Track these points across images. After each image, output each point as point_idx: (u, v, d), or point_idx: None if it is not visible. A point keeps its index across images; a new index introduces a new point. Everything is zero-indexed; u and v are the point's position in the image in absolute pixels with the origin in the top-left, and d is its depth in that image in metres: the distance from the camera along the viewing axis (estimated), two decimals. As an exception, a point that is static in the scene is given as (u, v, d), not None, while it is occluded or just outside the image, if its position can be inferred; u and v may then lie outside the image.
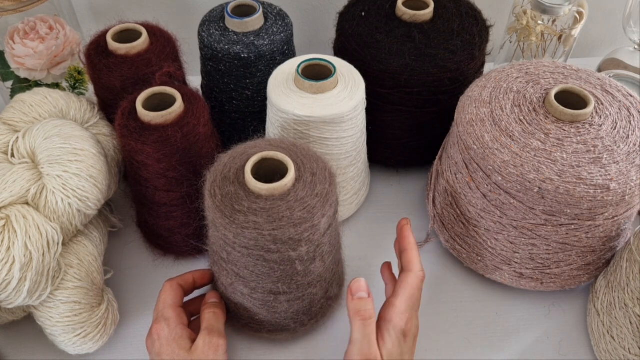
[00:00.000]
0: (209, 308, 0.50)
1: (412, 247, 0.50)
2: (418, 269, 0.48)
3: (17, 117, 0.56)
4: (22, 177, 0.49)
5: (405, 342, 0.46)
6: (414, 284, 0.47)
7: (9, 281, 0.45)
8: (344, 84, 0.56)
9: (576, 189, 0.48)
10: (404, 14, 0.63)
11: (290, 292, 0.48)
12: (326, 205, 0.45)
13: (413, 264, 0.48)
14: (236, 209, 0.43)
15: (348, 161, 0.59)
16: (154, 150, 0.50)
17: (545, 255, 0.54)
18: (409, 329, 0.46)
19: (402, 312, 0.46)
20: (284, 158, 0.46)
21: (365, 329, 0.45)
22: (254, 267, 0.46)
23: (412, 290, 0.47)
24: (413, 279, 0.48)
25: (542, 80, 0.56)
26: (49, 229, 0.48)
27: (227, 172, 0.46)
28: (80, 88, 0.70)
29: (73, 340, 0.50)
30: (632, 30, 0.75)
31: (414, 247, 0.50)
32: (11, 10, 0.64)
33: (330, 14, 0.70)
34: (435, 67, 0.59)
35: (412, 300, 0.47)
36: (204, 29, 0.62)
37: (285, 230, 0.43)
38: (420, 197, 0.69)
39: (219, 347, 0.47)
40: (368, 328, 0.45)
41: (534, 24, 0.71)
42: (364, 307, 0.45)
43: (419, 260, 0.49)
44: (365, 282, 0.46)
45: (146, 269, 0.61)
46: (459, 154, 0.56)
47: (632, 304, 0.49)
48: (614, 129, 0.52)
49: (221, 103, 0.66)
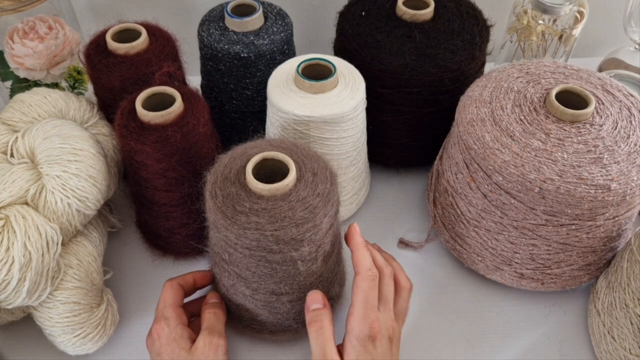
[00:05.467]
0: (209, 308, 0.50)
1: (358, 248, 0.48)
2: (365, 269, 0.47)
3: (16, 117, 0.56)
4: (21, 177, 0.49)
5: (375, 347, 0.44)
6: (364, 286, 0.46)
7: (8, 281, 0.45)
8: (344, 84, 0.56)
9: (577, 189, 0.48)
10: (404, 13, 0.63)
11: (292, 292, 0.48)
12: (328, 204, 0.45)
13: (360, 265, 0.47)
14: (237, 209, 0.43)
15: (348, 161, 0.59)
16: (153, 150, 0.50)
17: (546, 255, 0.54)
18: (376, 332, 0.45)
19: (360, 318, 0.45)
20: (285, 158, 0.46)
21: (318, 338, 0.45)
22: (256, 268, 0.46)
23: (364, 293, 0.46)
24: (361, 281, 0.46)
25: (543, 80, 0.56)
26: (48, 229, 0.47)
27: (228, 173, 0.46)
28: (80, 88, 0.70)
29: (72, 340, 0.50)
30: (632, 30, 0.75)
31: (359, 248, 0.48)
32: (10, 10, 0.64)
33: (330, 13, 0.70)
34: (436, 66, 0.59)
35: (367, 302, 0.46)
36: (204, 29, 0.62)
37: (288, 231, 0.43)
38: (420, 197, 0.69)
39: (219, 347, 0.47)
40: (321, 337, 0.45)
41: (534, 23, 0.71)
42: (317, 318, 0.45)
43: (366, 260, 0.48)
44: (321, 294, 0.47)
45: (146, 269, 0.61)
46: (459, 154, 0.55)
47: (632, 304, 0.49)
48: (615, 128, 0.52)
49: (221, 103, 0.66)
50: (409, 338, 0.56)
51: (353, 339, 0.45)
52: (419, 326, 0.57)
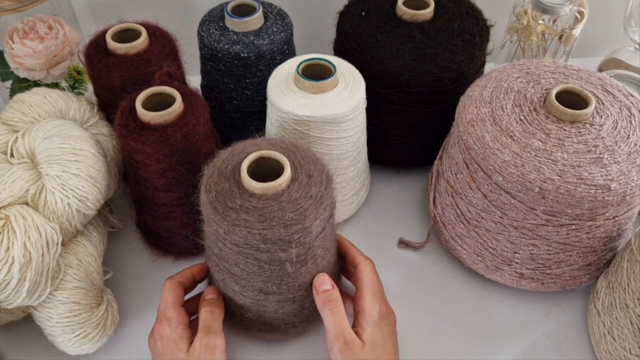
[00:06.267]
0: (205, 306, 0.50)
1: (350, 246, 0.53)
2: (364, 258, 0.52)
3: (16, 117, 0.55)
4: (21, 177, 0.49)
5: (385, 325, 0.48)
6: (368, 271, 0.50)
7: (8, 281, 0.45)
8: (344, 84, 0.56)
9: (577, 189, 0.48)
10: (404, 13, 0.63)
11: (281, 292, 0.48)
12: (320, 208, 0.44)
13: (358, 257, 0.52)
14: (229, 205, 0.43)
15: (348, 161, 0.59)
16: (153, 150, 0.50)
17: (546, 255, 0.54)
18: (383, 312, 0.49)
19: (370, 299, 0.49)
20: (281, 158, 0.46)
21: (335, 315, 0.47)
22: (245, 265, 0.46)
23: (370, 277, 0.50)
24: (365, 268, 0.51)
25: (543, 80, 0.56)
26: (48, 229, 0.47)
27: (224, 169, 0.46)
28: (80, 88, 0.70)
29: (72, 340, 0.50)
30: (632, 29, 0.75)
31: (351, 246, 0.53)
32: (10, 10, 0.64)
33: (330, 13, 0.70)
34: (436, 66, 0.59)
35: (373, 285, 0.50)
36: (204, 29, 0.62)
37: (275, 231, 0.43)
38: (420, 197, 0.69)
39: (215, 348, 0.47)
40: (337, 314, 0.47)
41: (534, 23, 0.71)
42: (330, 297, 0.48)
43: (360, 252, 0.52)
44: (327, 276, 0.49)
45: (146, 269, 0.61)
46: (459, 154, 0.55)
47: (632, 304, 0.49)
48: (615, 128, 0.52)
49: (221, 103, 0.66)
50: (409, 338, 0.56)
51: (366, 316, 0.48)
52: (419, 326, 0.57)
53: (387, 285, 0.59)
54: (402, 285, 0.60)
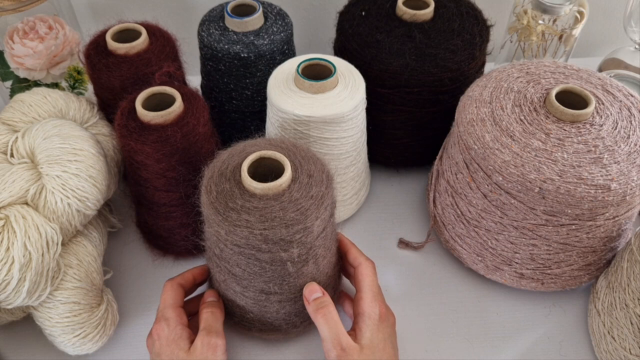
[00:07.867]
0: (206, 307, 0.50)
1: (351, 246, 0.53)
2: (366, 259, 0.51)
3: (16, 117, 0.56)
4: (21, 177, 0.49)
5: (384, 327, 0.48)
6: (369, 273, 0.50)
7: (8, 281, 0.45)
8: (344, 84, 0.56)
9: (577, 189, 0.48)
10: (404, 13, 0.63)
11: (282, 292, 0.48)
12: (321, 207, 0.44)
13: (359, 258, 0.52)
14: (230, 206, 0.43)
15: (348, 161, 0.59)
16: (153, 150, 0.50)
17: (546, 255, 0.54)
18: (383, 313, 0.49)
19: (370, 301, 0.49)
20: (282, 158, 0.46)
21: (328, 322, 0.47)
22: (246, 266, 0.46)
23: (370, 278, 0.50)
24: (365, 269, 0.51)
25: (543, 80, 0.56)
26: (48, 229, 0.47)
27: (225, 169, 0.46)
28: (80, 88, 0.70)
29: (72, 340, 0.50)
30: (632, 29, 0.75)
31: (352, 246, 0.53)
32: (10, 10, 0.64)
33: (330, 13, 0.70)
34: (436, 66, 0.59)
35: (374, 288, 0.50)
36: (204, 29, 0.62)
37: (277, 231, 0.43)
38: (420, 197, 0.69)
39: (217, 347, 0.47)
40: (331, 320, 0.47)
41: (534, 23, 0.71)
42: (322, 304, 0.47)
43: (361, 253, 0.52)
44: (316, 284, 0.49)
45: (146, 269, 0.61)
46: (459, 154, 0.55)
47: (632, 304, 0.49)
48: (615, 128, 0.52)
49: (221, 103, 0.66)
50: (409, 338, 0.56)
51: (366, 319, 0.48)
52: (419, 326, 0.57)
53: (387, 286, 0.59)
54: (402, 285, 0.60)
